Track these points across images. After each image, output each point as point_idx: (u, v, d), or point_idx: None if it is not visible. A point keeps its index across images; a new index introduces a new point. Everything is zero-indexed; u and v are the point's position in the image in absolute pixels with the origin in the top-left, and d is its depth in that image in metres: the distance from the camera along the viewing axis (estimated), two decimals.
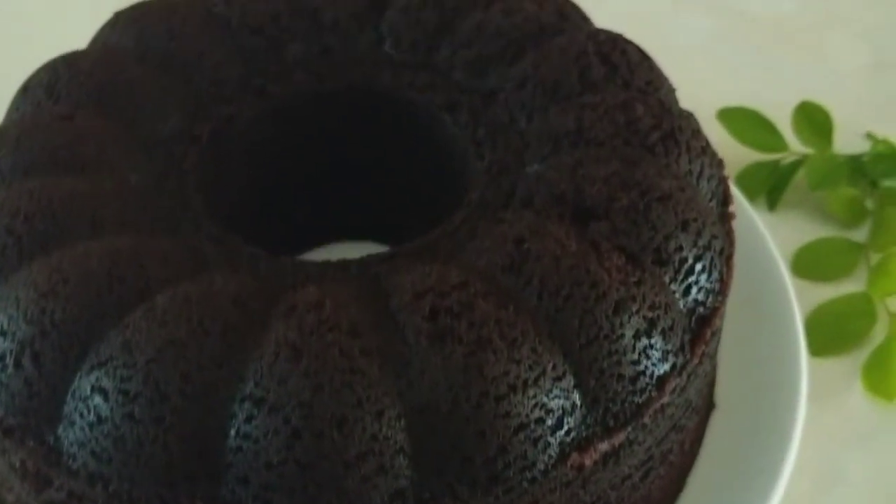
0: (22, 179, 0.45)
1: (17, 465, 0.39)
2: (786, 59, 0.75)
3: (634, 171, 0.44)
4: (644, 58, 0.51)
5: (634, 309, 0.39)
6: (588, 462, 0.38)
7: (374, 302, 0.40)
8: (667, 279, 0.42)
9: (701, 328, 0.42)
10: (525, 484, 0.37)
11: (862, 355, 0.57)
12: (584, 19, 0.54)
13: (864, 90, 0.73)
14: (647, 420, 0.40)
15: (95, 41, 0.54)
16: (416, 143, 0.53)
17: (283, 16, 0.54)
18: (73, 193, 0.44)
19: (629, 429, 0.39)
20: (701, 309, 0.43)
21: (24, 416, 0.38)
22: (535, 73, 0.50)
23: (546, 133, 0.48)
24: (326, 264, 0.44)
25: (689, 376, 0.42)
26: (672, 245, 0.42)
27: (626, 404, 0.39)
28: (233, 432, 0.36)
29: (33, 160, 0.46)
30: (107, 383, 0.37)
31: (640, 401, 0.39)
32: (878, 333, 0.58)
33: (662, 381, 0.40)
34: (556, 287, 0.39)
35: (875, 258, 0.61)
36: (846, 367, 0.57)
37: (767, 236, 0.56)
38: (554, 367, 0.38)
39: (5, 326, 0.39)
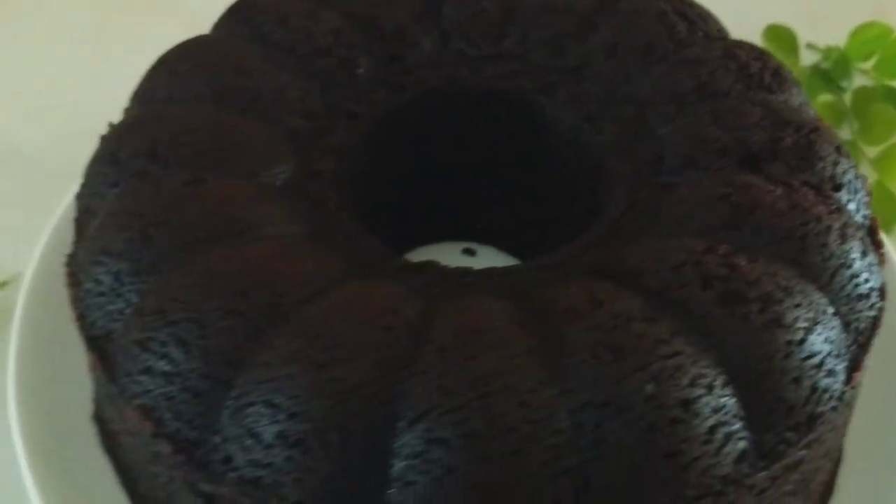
0: (184, 258, 0.41)
1: None
2: None
3: (776, 111, 0.47)
4: (702, 8, 0.54)
5: (851, 234, 0.43)
6: (861, 378, 0.41)
7: (625, 287, 0.40)
8: (845, 201, 0.45)
9: (874, 238, 0.46)
10: (829, 414, 0.39)
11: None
12: None
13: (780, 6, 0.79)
14: (878, 331, 0.43)
15: (148, 94, 0.50)
16: (512, 133, 0.53)
17: (343, 32, 0.52)
18: (268, 257, 0.41)
19: (872, 342, 0.42)
20: (868, 222, 0.46)
21: (340, 495, 0.36)
22: (625, 39, 0.51)
23: (663, 95, 0.49)
24: (534, 266, 0.43)
25: None
26: (839, 169, 0.46)
27: (868, 321, 0.42)
28: (584, 442, 0.36)
29: (188, 237, 0.42)
30: (443, 432, 0.35)
31: (875, 314, 0.43)
32: None
33: (881, 290, 0.43)
34: (789, 231, 0.42)
35: (870, 151, 0.68)
36: None
37: None
38: (819, 303, 0.40)
39: (293, 409, 0.36)
